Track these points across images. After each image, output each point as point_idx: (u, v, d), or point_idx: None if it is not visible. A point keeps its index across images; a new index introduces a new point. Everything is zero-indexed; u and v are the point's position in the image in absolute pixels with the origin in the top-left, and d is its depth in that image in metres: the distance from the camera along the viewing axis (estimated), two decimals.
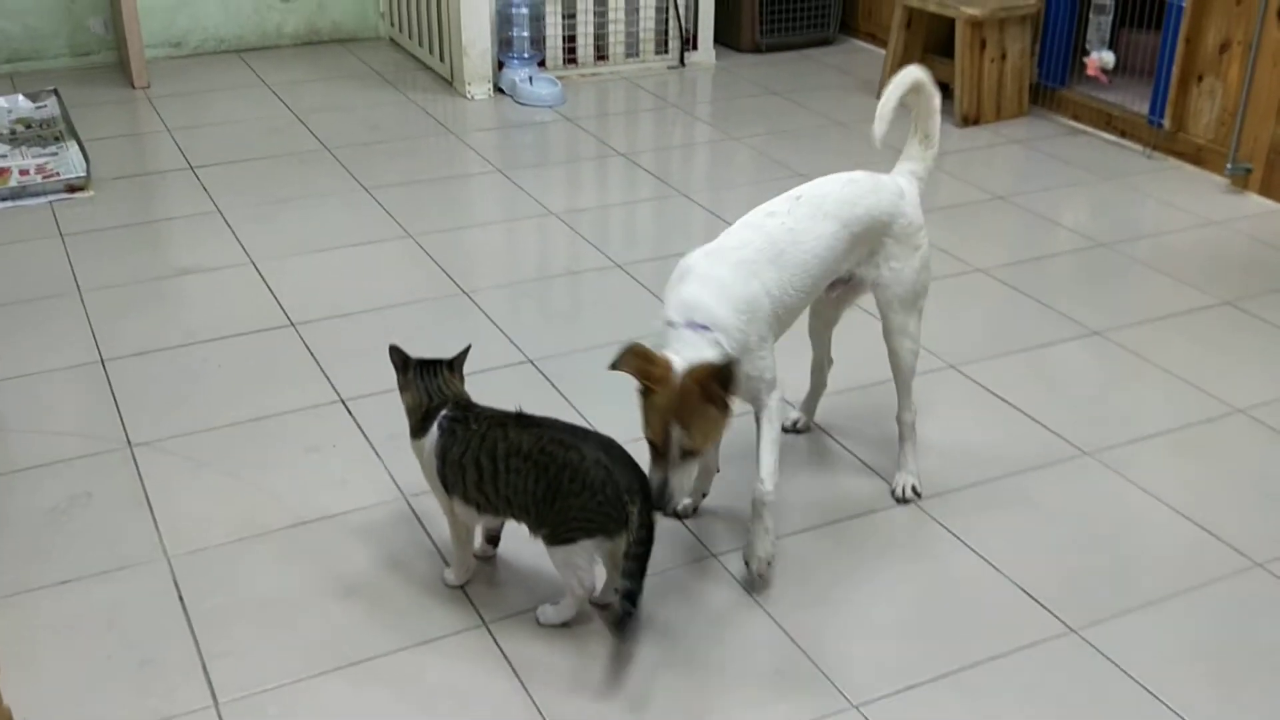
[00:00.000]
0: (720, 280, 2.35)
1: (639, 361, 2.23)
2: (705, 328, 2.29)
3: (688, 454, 2.26)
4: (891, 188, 2.65)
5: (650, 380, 2.22)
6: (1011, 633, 2.41)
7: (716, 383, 2.21)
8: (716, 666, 2.33)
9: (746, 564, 2.49)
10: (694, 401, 2.21)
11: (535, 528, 2.33)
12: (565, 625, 2.39)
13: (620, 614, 2.27)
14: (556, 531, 2.29)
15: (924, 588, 2.55)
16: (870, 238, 2.59)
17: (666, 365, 2.23)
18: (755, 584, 2.49)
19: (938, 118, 2.74)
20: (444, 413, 2.37)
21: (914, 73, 2.69)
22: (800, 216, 2.50)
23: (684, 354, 2.25)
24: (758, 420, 2.48)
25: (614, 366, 2.23)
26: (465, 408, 2.39)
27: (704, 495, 2.72)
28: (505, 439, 2.31)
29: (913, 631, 2.43)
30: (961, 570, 2.59)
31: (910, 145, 2.76)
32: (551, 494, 2.27)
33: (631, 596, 2.25)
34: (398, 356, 2.44)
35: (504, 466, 2.30)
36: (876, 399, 3.09)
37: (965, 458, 2.95)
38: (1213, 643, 2.41)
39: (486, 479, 2.32)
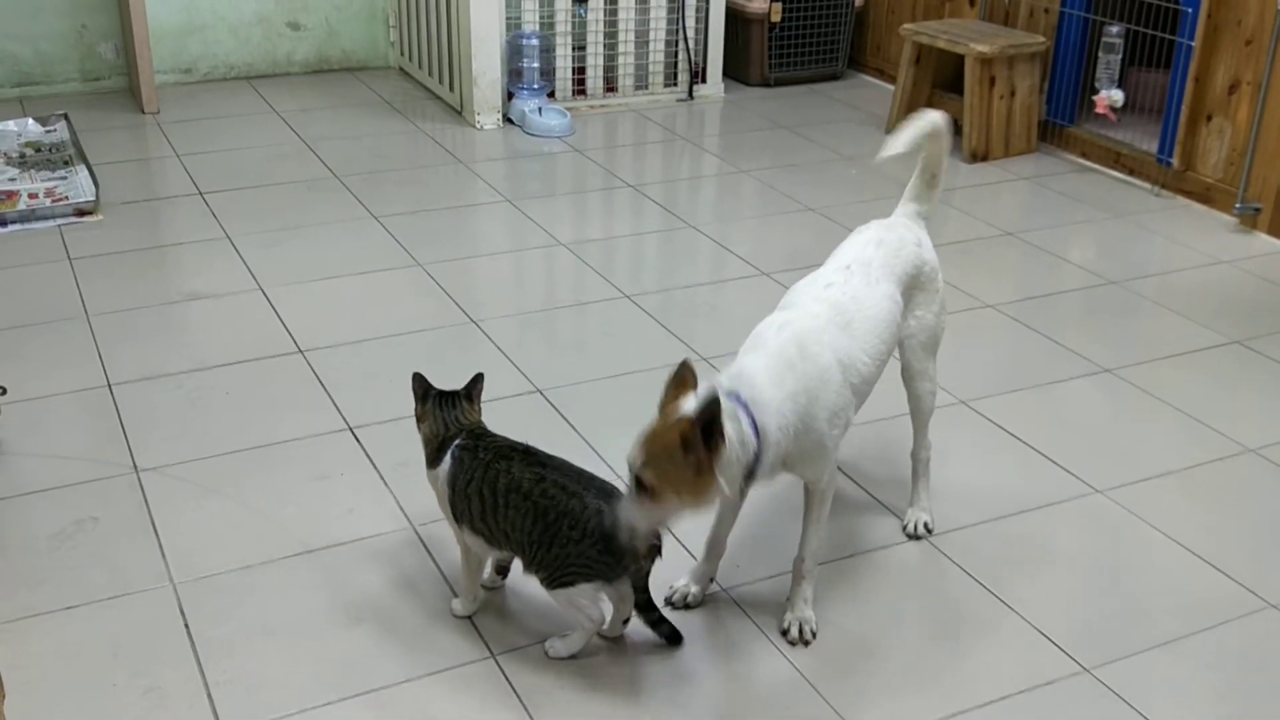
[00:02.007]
0: (788, 358, 2.26)
1: (675, 382, 2.18)
2: (743, 404, 2.18)
3: (646, 493, 2.12)
4: (910, 238, 2.62)
5: (662, 403, 2.18)
6: (1025, 671, 2.39)
7: (698, 431, 2.06)
8: (727, 702, 2.31)
9: (784, 632, 2.46)
10: (670, 440, 2.09)
11: (529, 567, 2.33)
12: (574, 658, 2.37)
13: (665, 636, 2.40)
14: (554, 575, 2.28)
15: (936, 625, 2.53)
16: (907, 295, 2.59)
17: (676, 396, 2.17)
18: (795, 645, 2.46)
19: (947, 160, 2.73)
20: (457, 442, 2.37)
21: (934, 119, 2.67)
22: (857, 284, 2.46)
23: (701, 400, 2.13)
24: (807, 496, 2.45)
25: (677, 373, 2.20)
26: (477, 437, 2.38)
27: (711, 580, 2.59)
28: (508, 473, 2.30)
29: (925, 669, 2.41)
30: (974, 608, 2.57)
31: (915, 185, 2.73)
32: (548, 539, 2.26)
33: (660, 622, 2.37)
34: (420, 385, 2.43)
35: (504, 501, 2.29)
36: (886, 434, 3.08)
37: (977, 494, 2.93)
38: (1227, 683, 2.39)
39: (488, 511, 2.31)
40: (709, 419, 2.07)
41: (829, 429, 2.32)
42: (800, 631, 2.44)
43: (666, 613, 2.46)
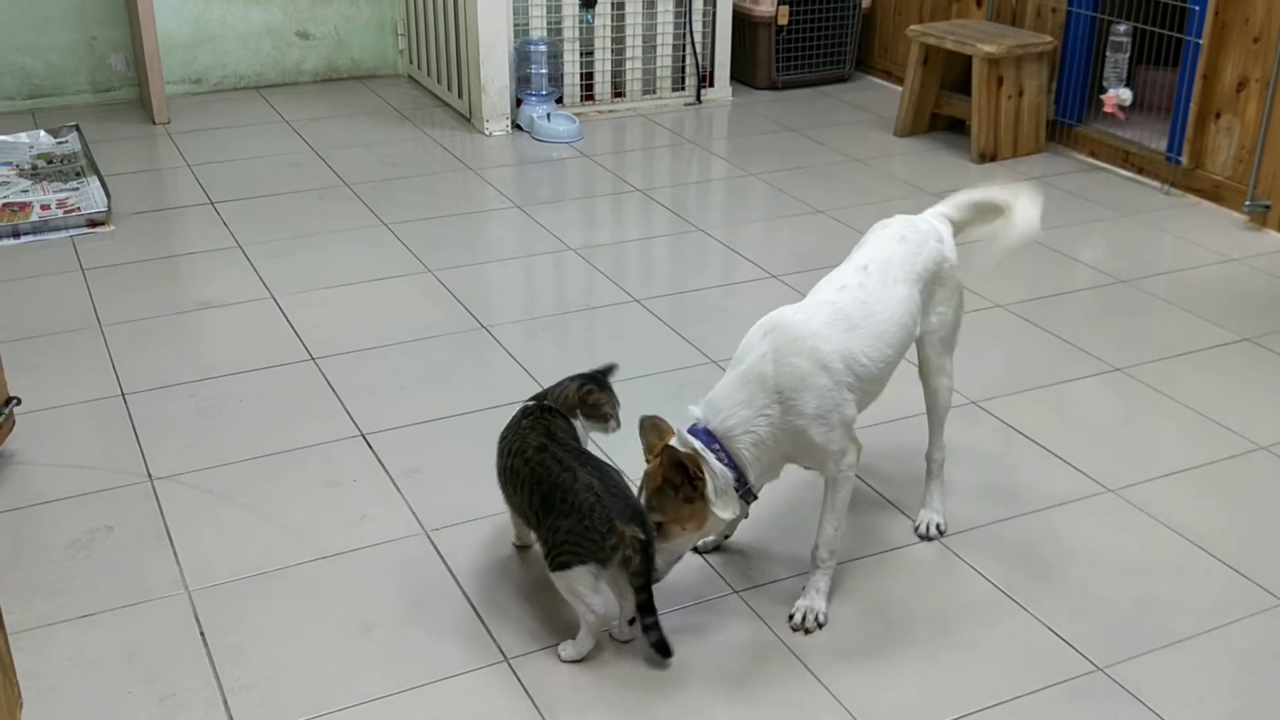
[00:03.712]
0: (760, 375, 2.36)
1: (650, 430, 2.42)
2: (712, 437, 2.35)
3: (661, 526, 2.34)
4: (932, 234, 2.64)
5: (647, 449, 2.41)
6: (1038, 671, 2.39)
7: (676, 472, 2.30)
8: (738, 702, 2.31)
9: (790, 618, 2.49)
10: (658, 482, 2.33)
11: (539, 543, 2.38)
12: (585, 660, 2.38)
13: (654, 644, 2.35)
14: (551, 553, 2.32)
15: (949, 625, 2.53)
16: (926, 291, 2.60)
17: (662, 441, 2.39)
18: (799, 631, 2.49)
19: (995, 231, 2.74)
20: (526, 404, 2.55)
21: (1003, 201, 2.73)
22: (872, 287, 2.49)
23: (676, 444, 2.38)
24: (825, 483, 2.49)
25: (646, 423, 2.44)
26: (544, 408, 2.51)
27: (726, 537, 2.70)
28: (521, 436, 2.42)
29: (938, 669, 2.41)
30: (987, 607, 2.57)
31: (961, 204, 2.74)
32: (545, 510, 2.32)
33: (652, 629, 2.33)
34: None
35: (509, 463, 2.42)
36: (898, 435, 3.09)
37: (988, 494, 2.94)
38: (1240, 681, 2.39)
39: (499, 464, 2.46)
40: (672, 460, 2.30)
41: (818, 427, 2.37)
42: (804, 619, 2.46)
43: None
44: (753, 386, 2.35)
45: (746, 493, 2.41)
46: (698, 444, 2.34)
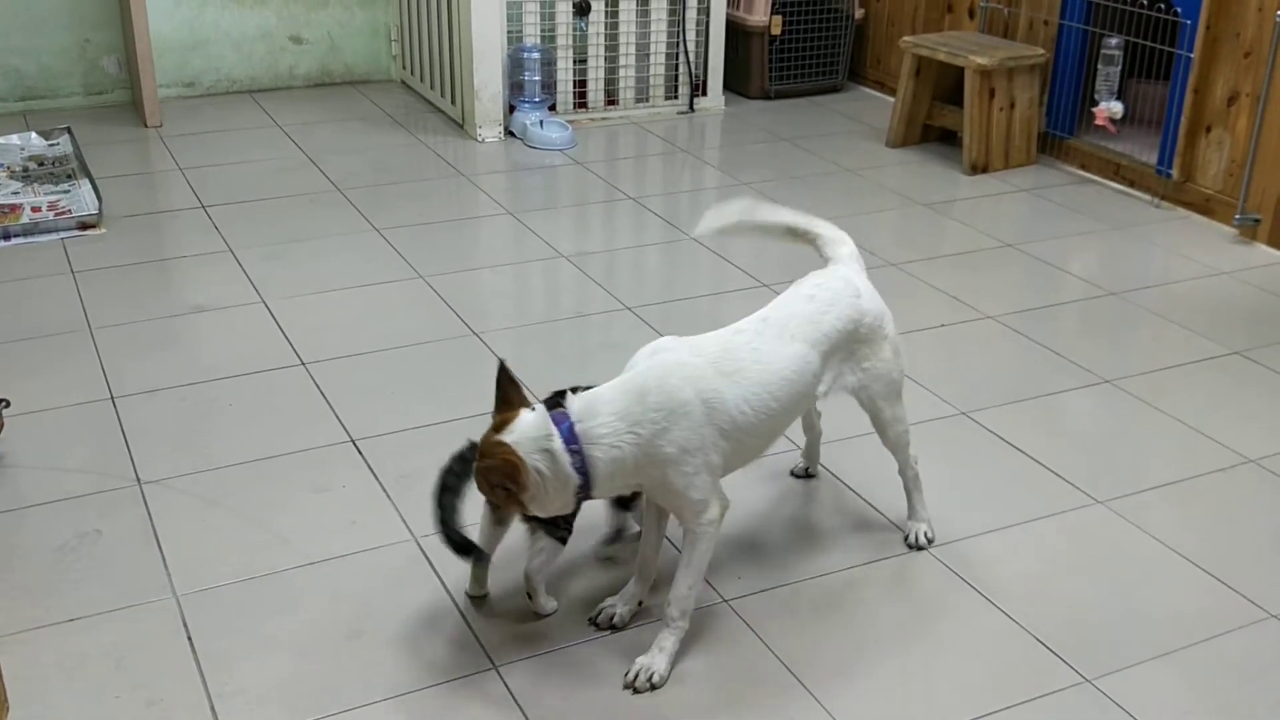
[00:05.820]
0: (641, 388, 2.28)
1: (506, 389, 2.32)
2: (571, 435, 2.24)
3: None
4: (847, 291, 2.57)
5: (493, 415, 2.32)
6: (1026, 682, 2.39)
7: (498, 478, 2.21)
8: (728, 712, 2.31)
9: (635, 673, 2.35)
10: (482, 469, 2.25)
11: None
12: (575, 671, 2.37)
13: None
14: None
15: (936, 635, 2.54)
16: (840, 351, 2.54)
17: (504, 417, 2.28)
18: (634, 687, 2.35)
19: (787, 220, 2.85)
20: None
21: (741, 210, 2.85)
22: (768, 337, 2.43)
23: (526, 427, 2.24)
24: (684, 537, 2.39)
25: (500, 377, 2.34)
26: None
27: (640, 603, 2.54)
28: None
29: (926, 679, 2.41)
30: (975, 618, 2.58)
31: (821, 230, 2.81)
32: None
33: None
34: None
35: None
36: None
37: (977, 505, 2.94)
38: (1227, 693, 2.39)
39: None
40: (493, 472, 2.22)
41: (680, 468, 2.28)
42: (637, 677, 2.34)
43: (591, 632, 2.49)
44: (630, 399, 2.26)
45: (585, 497, 2.29)
46: (557, 444, 2.21)
